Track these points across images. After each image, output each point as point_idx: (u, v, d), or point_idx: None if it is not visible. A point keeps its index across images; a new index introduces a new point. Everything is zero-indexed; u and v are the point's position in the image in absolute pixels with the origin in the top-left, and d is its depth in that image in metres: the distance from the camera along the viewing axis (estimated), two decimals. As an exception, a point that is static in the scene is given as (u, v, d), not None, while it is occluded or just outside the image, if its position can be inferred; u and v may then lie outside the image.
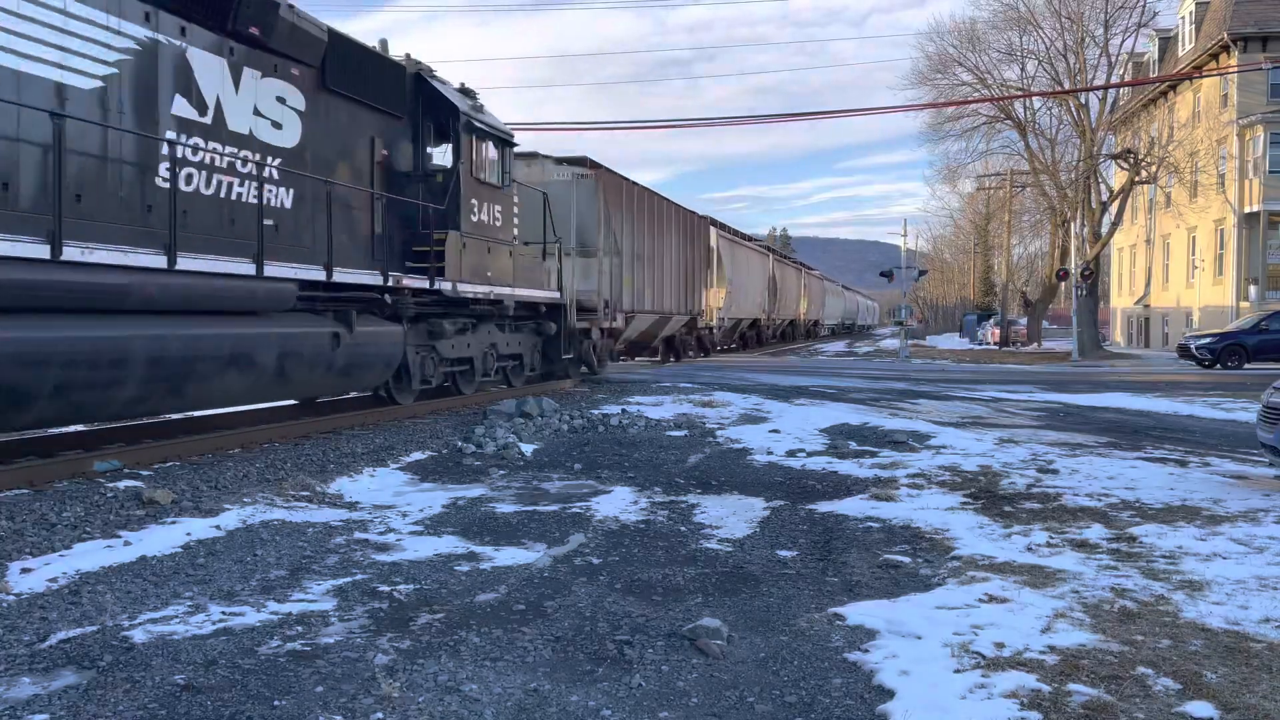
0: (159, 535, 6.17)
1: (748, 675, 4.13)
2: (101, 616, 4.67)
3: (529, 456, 10.06)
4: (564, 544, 6.36)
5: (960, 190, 61.14)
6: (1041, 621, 4.73)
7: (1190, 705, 3.75)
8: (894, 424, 12.97)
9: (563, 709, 3.75)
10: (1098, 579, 5.49)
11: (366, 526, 6.78)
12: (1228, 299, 34.26)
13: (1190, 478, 8.89)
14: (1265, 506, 7.49)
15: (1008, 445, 11.06)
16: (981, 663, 4.20)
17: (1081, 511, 7.36)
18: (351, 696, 3.79)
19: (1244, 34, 33.83)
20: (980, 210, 66.09)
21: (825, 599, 5.21)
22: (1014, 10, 37.20)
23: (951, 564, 5.89)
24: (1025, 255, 67.09)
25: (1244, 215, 33.74)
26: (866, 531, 6.81)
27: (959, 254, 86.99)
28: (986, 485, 8.52)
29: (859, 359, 37.08)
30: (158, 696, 3.77)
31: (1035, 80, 38.31)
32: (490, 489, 8.32)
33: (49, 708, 3.64)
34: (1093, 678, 4.02)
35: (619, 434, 11.79)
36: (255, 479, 8.05)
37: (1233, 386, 19.82)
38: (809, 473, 9.23)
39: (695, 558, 6.07)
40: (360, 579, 5.43)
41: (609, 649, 4.39)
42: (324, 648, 4.32)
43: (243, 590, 5.17)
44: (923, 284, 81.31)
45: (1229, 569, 5.68)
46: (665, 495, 8.12)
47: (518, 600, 5.11)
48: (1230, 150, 34.45)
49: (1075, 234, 36.27)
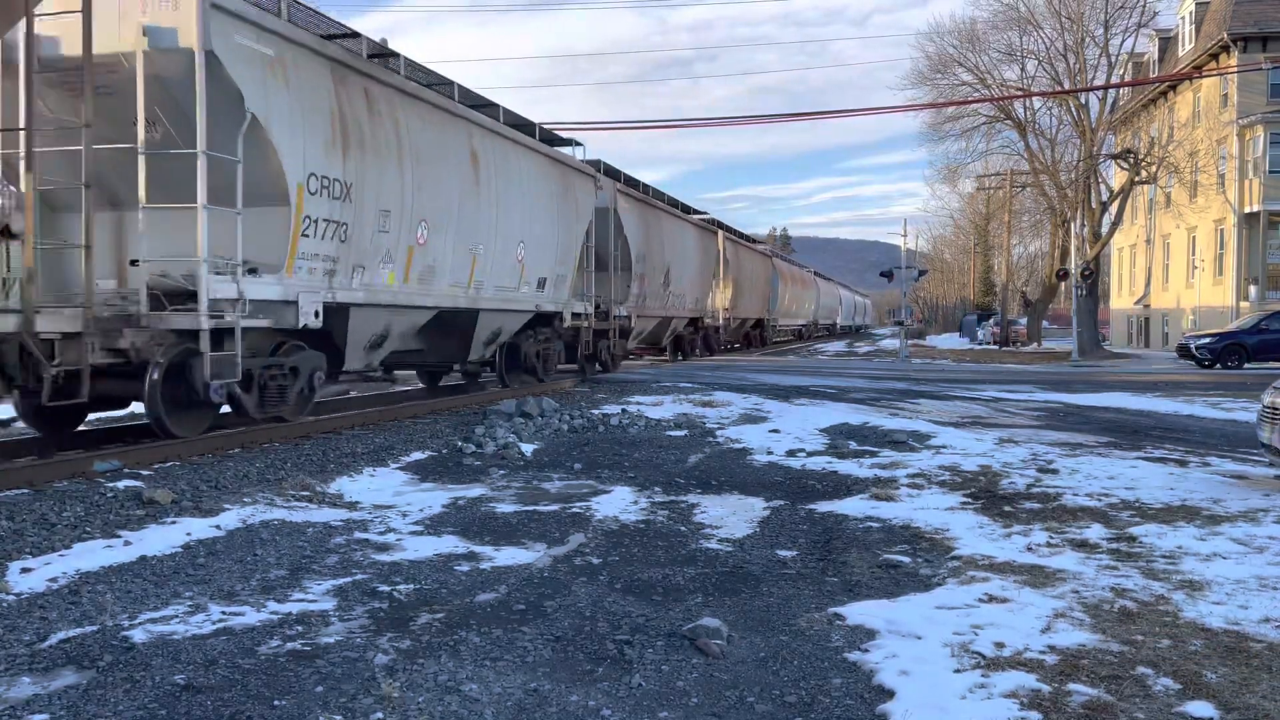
0: (159, 535, 6.17)
1: (748, 675, 4.13)
2: (101, 616, 4.67)
3: (529, 456, 10.06)
4: (564, 544, 6.36)
5: (960, 190, 61.27)
6: (1041, 621, 4.73)
7: (1190, 705, 3.75)
8: (894, 424, 12.97)
9: (563, 709, 3.75)
10: (1098, 579, 5.49)
11: (366, 526, 6.78)
12: (1228, 299, 34.26)
13: (1190, 478, 8.89)
14: (1265, 506, 7.49)
15: (1008, 445, 11.06)
16: (981, 663, 4.20)
17: (1081, 511, 7.36)
18: (351, 696, 3.79)
19: (1244, 34, 33.84)
20: (980, 210, 66.12)
21: (825, 599, 5.21)
22: (1014, 10, 37.24)
23: (951, 564, 5.89)
24: (1025, 255, 67.21)
25: (1244, 215, 33.74)
26: (866, 531, 6.81)
27: (959, 254, 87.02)
28: (986, 485, 8.52)
29: (859, 359, 37.08)
30: (158, 696, 3.77)
31: (1035, 80, 38.34)
32: (490, 489, 8.32)
33: (49, 708, 3.64)
34: (1093, 678, 4.02)
35: (619, 434, 11.79)
36: (255, 479, 8.05)
37: (1233, 386, 19.82)
38: (809, 472, 9.23)
39: (695, 557, 6.07)
40: (360, 579, 5.43)
41: (609, 649, 4.39)
42: (324, 647, 4.32)
43: (243, 590, 5.17)
44: (923, 284, 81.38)
45: (1229, 569, 5.68)
46: (665, 495, 8.12)
47: (518, 600, 5.11)
48: (1230, 150, 34.46)
49: (1075, 234, 36.26)
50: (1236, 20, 33.95)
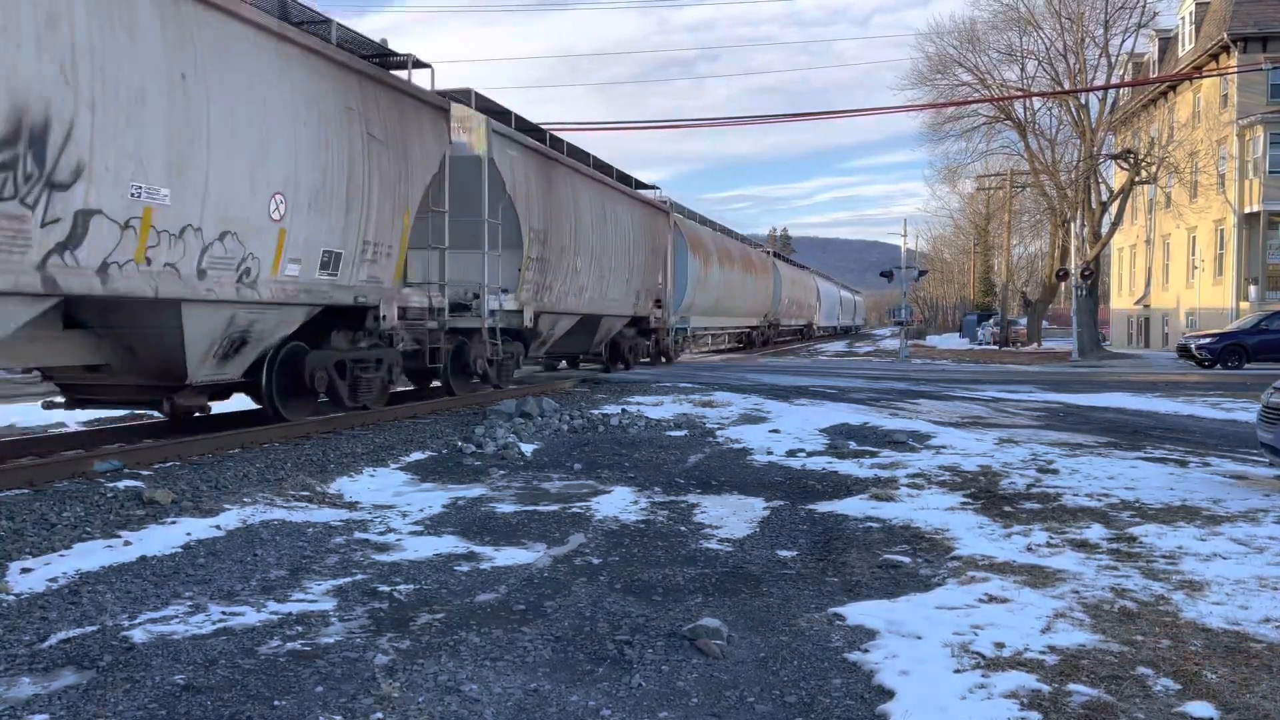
0: (159, 535, 6.17)
1: (748, 675, 4.13)
2: (101, 616, 4.67)
3: (529, 456, 10.06)
4: (564, 544, 6.36)
5: (960, 190, 61.21)
6: (1041, 621, 4.73)
7: (1190, 705, 3.75)
8: (894, 424, 12.97)
9: (563, 709, 3.75)
10: (1098, 579, 5.50)
11: (366, 526, 6.78)
12: (1228, 299, 34.25)
13: (1190, 478, 8.89)
14: (1265, 506, 7.49)
15: (1008, 445, 11.06)
16: (981, 663, 4.20)
17: (1081, 511, 7.36)
18: (351, 696, 3.79)
19: (1244, 34, 33.83)
20: (980, 210, 66.10)
21: (825, 599, 5.21)
22: (1014, 11, 37.21)
23: (951, 564, 5.89)
24: (1025, 255, 67.12)
25: (1244, 215, 33.73)
26: (866, 531, 6.81)
27: (959, 254, 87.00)
28: (986, 485, 8.52)
29: (859, 359, 37.09)
30: (158, 696, 3.77)
31: (1035, 80, 38.31)
32: (490, 489, 8.32)
33: (49, 708, 3.64)
34: (1093, 678, 4.02)
35: (619, 434, 11.79)
36: (255, 479, 8.05)
37: (1233, 386, 19.81)
38: (809, 473, 9.23)
39: (695, 558, 6.07)
40: (360, 579, 5.43)
41: (609, 649, 4.39)
42: (324, 648, 4.32)
43: (243, 590, 5.17)
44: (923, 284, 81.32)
45: (1229, 569, 5.68)
46: (665, 495, 8.12)
47: (518, 600, 5.11)
48: (1230, 150, 34.45)
49: (1075, 234, 36.25)
50: (1236, 20, 33.95)
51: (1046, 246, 50.02)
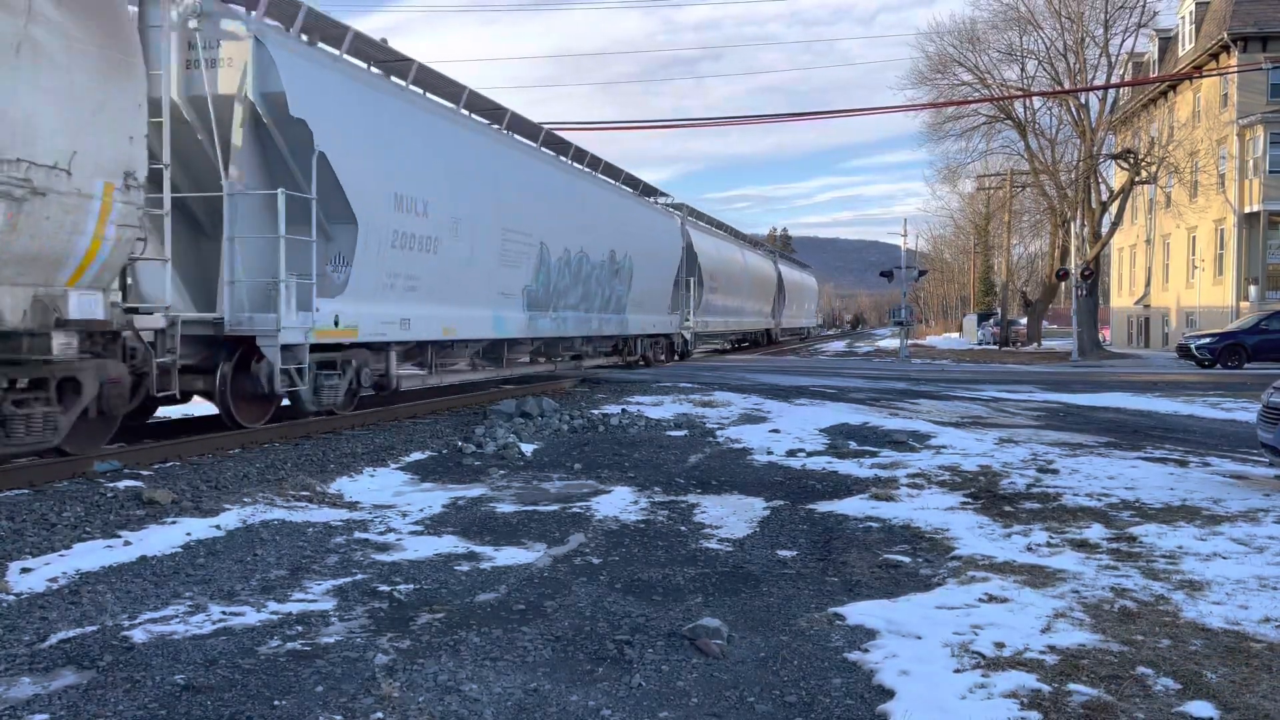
0: (159, 535, 6.16)
1: (748, 675, 4.13)
2: (101, 616, 4.67)
3: (529, 456, 10.06)
4: (564, 544, 6.36)
5: (960, 190, 61.23)
6: (1041, 621, 4.73)
7: (1190, 705, 3.75)
8: (894, 424, 12.97)
9: (563, 709, 3.75)
10: (1098, 579, 5.49)
11: (366, 526, 6.78)
12: (1228, 299, 34.24)
13: (1190, 478, 8.89)
14: (1265, 506, 7.49)
15: (1008, 445, 11.06)
16: (981, 662, 4.20)
17: (1081, 511, 7.36)
18: (351, 696, 3.79)
19: (1244, 34, 33.81)
20: (980, 210, 66.08)
21: (825, 599, 5.21)
22: (1014, 10, 37.22)
23: (951, 564, 5.89)
24: (1025, 255, 67.09)
25: (1244, 215, 33.72)
26: (866, 531, 6.81)
27: (959, 254, 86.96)
28: (986, 485, 8.52)
29: (859, 359, 37.08)
30: (158, 696, 3.77)
31: (1035, 80, 38.32)
32: (490, 489, 8.32)
33: (49, 708, 3.64)
34: (1093, 678, 4.02)
35: (619, 434, 11.79)
36: (255, 479, 8.05)
37: (1233, 386, 19.81)
38: (809, 472, 9.23)
39: (695, 558, 6.07)
40: (360, 579, 5.43)
41: (609, 649, 4.39)
42: (324, 647, 4.32)
43: (243, 590, 5.17)
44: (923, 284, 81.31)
45: (1229, 569, 5.68)
46: (665, 495, 8.12)
47: (518, 600, 5.11)
48: (1230, 150, 34.43)
49: (1075, 234, 36.25)
50: (1236, 20, 33.93)
51: (1046, 246, 50.03)
